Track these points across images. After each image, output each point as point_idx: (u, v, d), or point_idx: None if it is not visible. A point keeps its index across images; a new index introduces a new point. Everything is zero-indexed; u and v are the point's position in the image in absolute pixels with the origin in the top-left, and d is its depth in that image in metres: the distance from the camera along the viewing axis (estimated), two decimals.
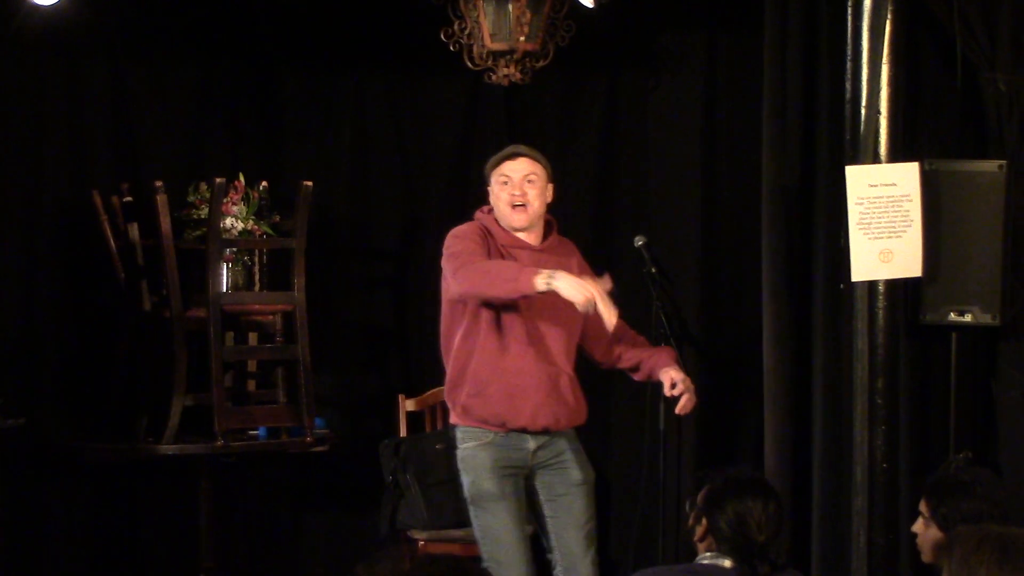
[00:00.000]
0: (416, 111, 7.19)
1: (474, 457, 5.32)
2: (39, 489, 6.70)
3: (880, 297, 5.52)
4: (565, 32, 6.49)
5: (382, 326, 7.26)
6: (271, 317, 6.71)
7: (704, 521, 4.17)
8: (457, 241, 5.32)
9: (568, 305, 5.18)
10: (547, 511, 5.43)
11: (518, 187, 5.33)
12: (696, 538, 4.24)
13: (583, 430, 7.14)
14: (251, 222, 6.58)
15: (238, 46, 7.02)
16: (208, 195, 6.49)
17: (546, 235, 5.44)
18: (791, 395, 6.31)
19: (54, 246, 6.80)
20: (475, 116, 7.22)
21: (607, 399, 7.17)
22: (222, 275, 6.56)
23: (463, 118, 7.22)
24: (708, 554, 4.17)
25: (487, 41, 6.42)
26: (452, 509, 6.62)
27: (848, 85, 5.54)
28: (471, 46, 6.48)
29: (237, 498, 6.99)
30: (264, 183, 6.70)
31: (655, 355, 5.53)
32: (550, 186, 5.44)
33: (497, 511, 5.27)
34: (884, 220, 5.50)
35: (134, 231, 6.54)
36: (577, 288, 4.93)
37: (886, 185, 5.50)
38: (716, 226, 6.95)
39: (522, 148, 5.46)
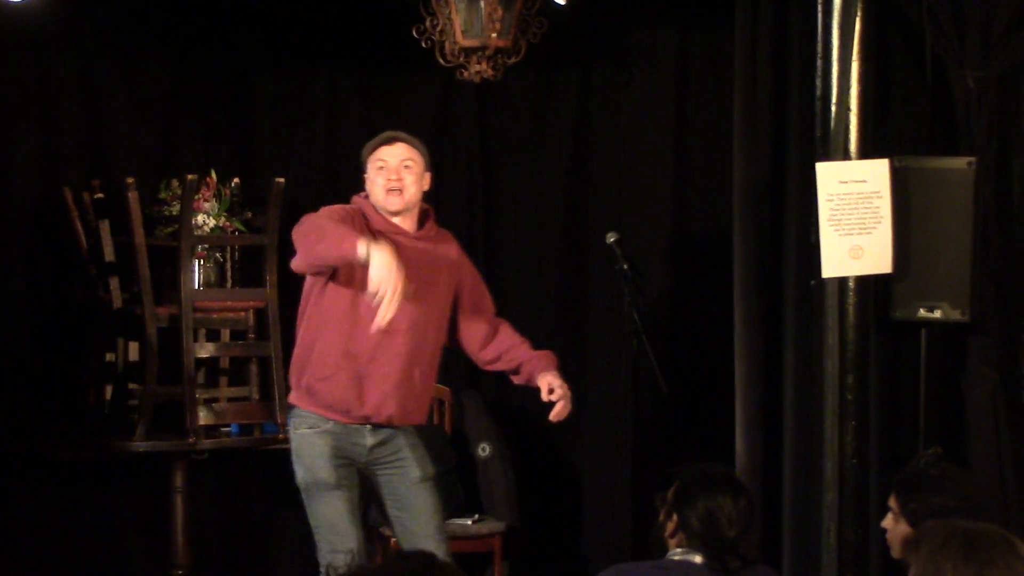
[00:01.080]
0: (388, 108, 7.19)
1: (312, 444, 5.24)
2: (9, 488, 6.68)
3: (850, 293, 5.53)
4: (537, 29, 6.49)
5: None
6: (243, 314, 6.70)
7: (675, 517, 4.18)
8: (320, 216, 5.19)
9: (436, 296, 5.24)
10: (393, 511, 5.40)
11: (395, 172, 5.28)
12: (667, 534, 4.24)
13: (557, 424, 7.19)
14: (223, 219, 6.58)
15: (210, 42, 7.01)
16: (180, 192, 6.48)
17: (422, 223, 5.38)
18: (762, 391, 6.33)
19: (24, 243, 6.79)
20: (447, 112, 7.23)
21: (579, 395, 7.18)
22: (194, 272, 6.56)
23: (435, 115, 7.22)
24: (679, 550, 4.17)
25: (459, 38, 6.43)
26: None
27: (818, 82, 5.55)
28: (443, 43, 6.48)
29: (210, 495, 6.98)
30: (236, 180, 6.70)
31: (536, 359, 5.44)
32: (427, 174, 5.38)
33: (332, 500, 5.22)
34: (854, 217, 5.51)
35: (105, 228, 6.53)
36: (381, 273, 4.80)
37: (856, 182, 5.51)
38: (688, 223, 6.97)
39: (400, 134, 5.41)
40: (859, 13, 5.44)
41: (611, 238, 6.48)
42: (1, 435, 6.47)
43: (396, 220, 5.29)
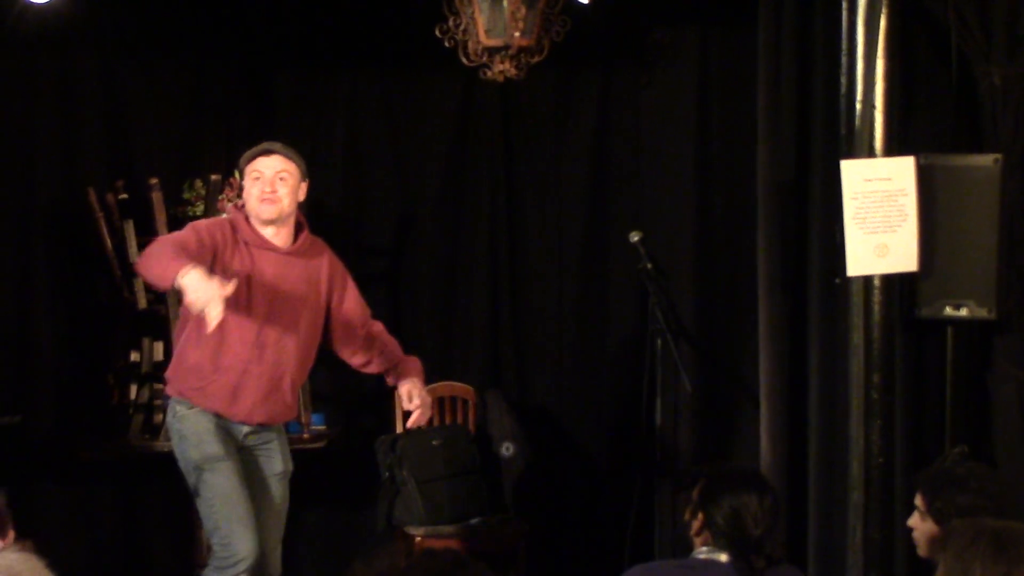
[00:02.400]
0: (410, 107, 7.19)
1: (196, 422, 5.31)
2: (35, 486, 6.70)
3: (876, 292, 5.50)
4: (560, 27, 6.48)
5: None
6: None
7: (700, 515, 4.18)
8: (183, 232, 5.27)
9: (305, 309, 5.33)
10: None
11: (269, 184, 5.33)
12: (692, 532, 4.24)
13: (580, 423, 7.19)
14: None
15: (232, 43, 7.01)
16: (203, 192, 6.49)
17: (296, 236, 5.43)
18: (787, 390, 6.31)
19: (49, 244, 6.80)
20: (469, 112, 7.22)
21: (602, 393, 7.18)
22: None
23: (457, 114, 7.22)
24: (704, 548, 4.17)
25: (482, 37, 6.42)
26: (448, 505, 6.64)
27: (843, 79, 5.52)
28: (466, 42, 6.47)
29: None
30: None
31: (403, 363, 5.56)
32: (303, 185, 5.44)
33: (225, 470, 5.27)
34: (879, 215, 5.49)
35: (130, 228, 6.53)
36: (196, 292, 4.82)
37: (881, 180, 5.48)
38: (711, 221, 6.95)
39: (276, 145, 5.44)
40: (884, 10, 5.42)
41: (635, 237, 6.48)
42: (27, 434, 6.47)
43: (268, 234, 5.34)
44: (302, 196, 5.43)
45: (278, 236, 5.36)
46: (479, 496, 6.77)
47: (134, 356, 6.68)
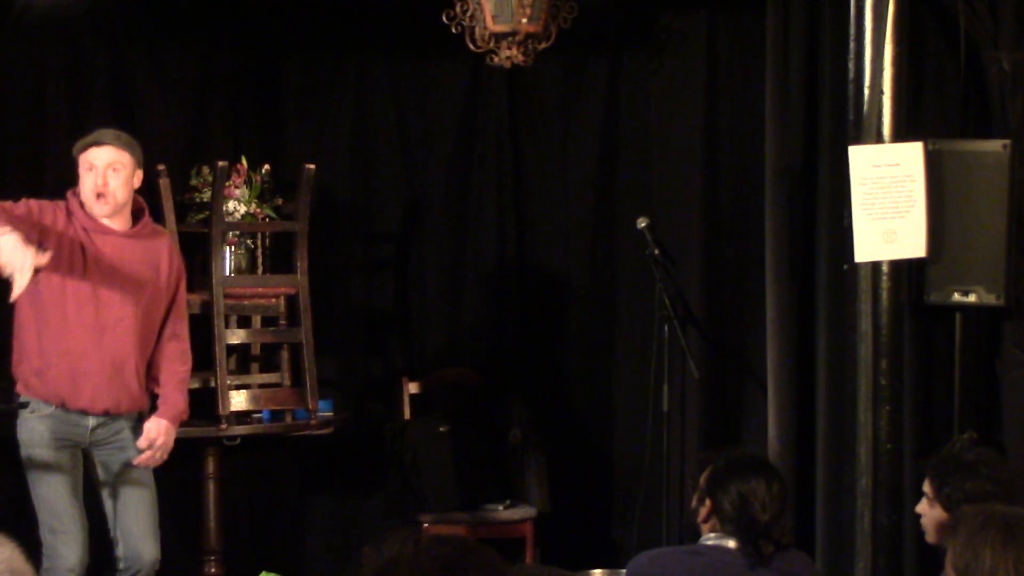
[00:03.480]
0: (417, 93, 7.18)
1: (31, 428, 5.34)
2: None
3: (884, 278, 5.50)
4: (567, 13, 6.46)
5: (384, 309, 7.25)
6: (274, 300, 6.70)
7: (708, 502, 4.18)
8: (11, 205, 5.24)
9: (145, 291, 5.34)
10: (106, 492, 5.48)
11: (101, 176, 5.34)
12: (700, 519, 4.24)
13: (587, 409, 7.18)
14: (254, 205, 6.57)
15: (239, 29, 7.00)
16: (211, 178, 6.48)
17: (136, 220, 5.44)
18: (794, 376, 6.31)
19: None
20: (476, 98, 7.22)
21: (610, 379, 7.18)
22: (225, 259, 6.55)
23: (464, 100, 7.21)
24: (712, 535, 4.17)
25: (489, 23, 6.40)
26: (456, 492, 6.65)
27: (851, 65, 5.51)
28: (473, 28, 6.45)
29: (242, 481, 6.99)
30: (266, 166, 6.69)
31: (164, 402, 5.50)
32: (138, 172, 5.44)
33: (52, 481, 5.30)
34: (888, 200, 5.48)
35: None
36: (9, 255, 4.85)
37: (889, 165, 5.48)
38: (719, 207, 6.94)
39: (107, 135, 5.44)
40: None
41: (642, 223, 6.48)
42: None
43: (105, 220, 5.35)
44: (137, 183, 5.44)
45: (115, 221, 5.38)
46: (487, 482, 6.77)
47: None
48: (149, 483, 5.52)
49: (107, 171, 5.33)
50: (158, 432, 5.43)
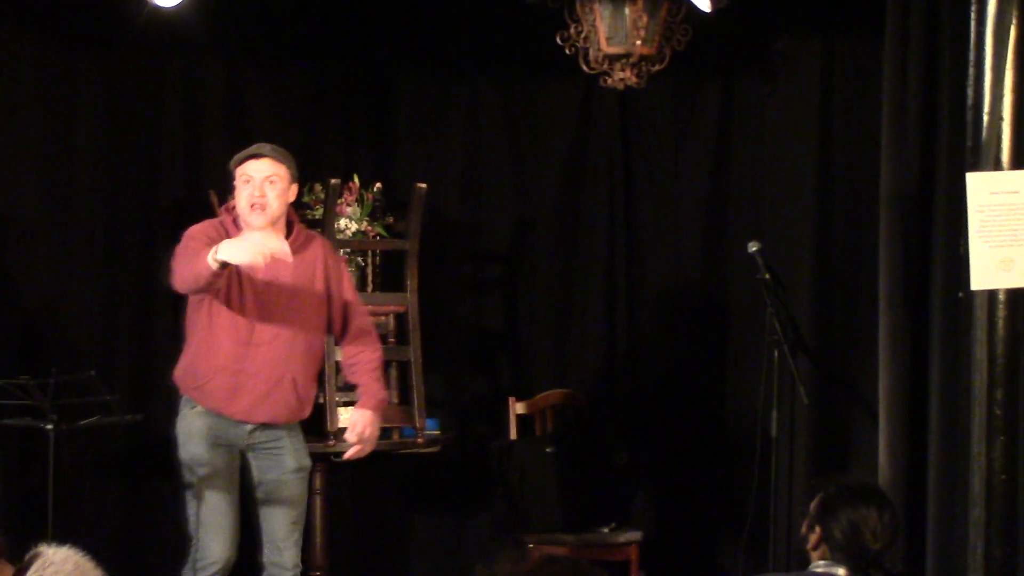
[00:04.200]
0: (530, 114, 7.20)
1: (190, 424, 5.41)
2: (154, 484, 6.78)
3: (1000, 306, 5.41)
4: (681, 36, 6.45)
5: (493, 328, 7.27)
6: (384, 318, 6.73)
7: (818, 529, 4.13)
8: (185, 240, 5.38)
9: (304, 303, 5.37)
10: (258, 493, 5.53)
11: (259, 188, 5.36)
12: (810, 546, 4.20)
13: (696, 433, 7.14)
14: (365, 223, 6.62)
15: (352, 48, 7.07)
16: (323, 196, 6.54)
17: (289, 233, 5.45)
18: (907, 404, 6.23)
19: (171, 245, 6.85)
20: (589, 119, 7.22)
21: (719, 403, 7.14)
22: None
23: (577, 121, 7.22)
24: (822, 563, 4.12)
25: (603, 45, 6.41)
26: (561, 513, 6.63)
27: (970, 91, 5.44)
28: (587, 49, 6.46)
29: (348, 498, 7.03)
30: (378, 184, 6.74)
31: (365, 393, 5.56)
32: (293, 186, 5.47)
33: (204, 476, 5.36)
34: (1005, 228, 5.40)
35: None
36: (241, 249, 4.96)
37: (1008, 193, 5.40)
38: (832, 233, 6.87)
39: (266, 148, 5.46)
40: (1014, 20, 5.32)
41: (753, 247, 6.44)
42: (147, 433, 6.55)
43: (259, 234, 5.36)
44: (292, 197, 5.49)
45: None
46: (592, 505, 6.75)
47: None
48: (301, 492, 5.59)
49: (264, 183, 5.39)
50: (364, 424, 5.49)
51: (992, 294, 5.42)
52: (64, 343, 6.64)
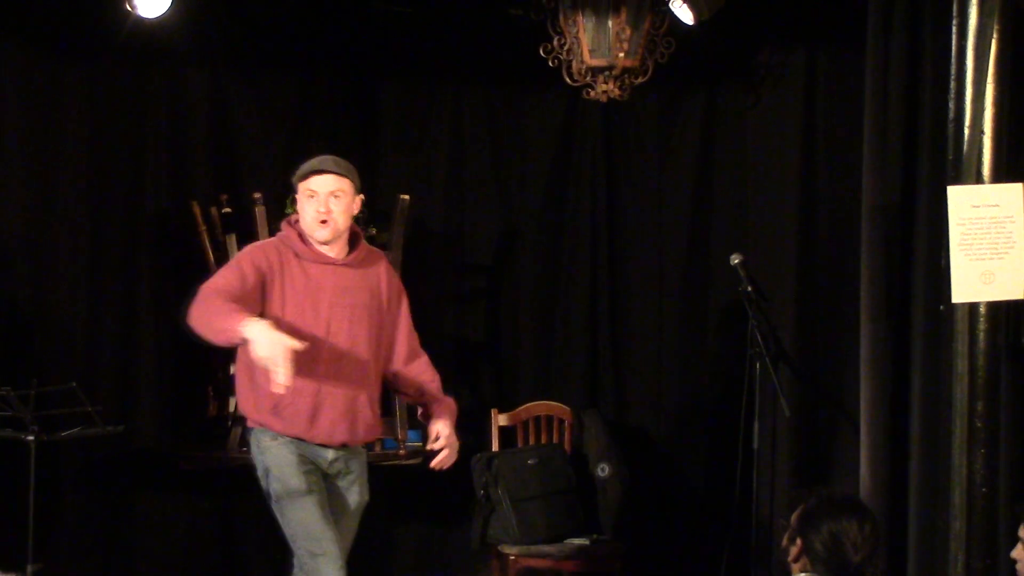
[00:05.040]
0: (513, 126, 7.22)
1: (278, 454, 5.28)
2: (137, 494, 6.78)
3: (981, 319, 5.43)
4: (664, 49, 6.48)
5: (475, 340, 7.27)
6: None
7: (799, 541, 4.14)
8: (226, 268, 5.30)
9: (368, 319, 5.30)
10: None
11: (323, 203, 5.31)
12: (790, 559, 4.21)
13: (677, 445, 7.15)
14: None
15: (336, 60, 7.07)
16: None
17: (352, 247, 5.42)
18: (888, 416, 6.25)
19: (154, 256, 6.88)
20: (572, 132, 7.24)
21: (700, 415, 7.15)
22: None
23: (560, 133, 7.23)
24: (802, 575, 4.13)
25: (586, 57, 6.43)
26: (544, 525, 6.63)
27: (951, 105, 5.46)
28: (570, 62, 6.48)
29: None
30: (361, 196, 6.73)
31: (436, 403, 5.52)
32: (358, 199, 5.41)
33: (305, 504, 5.24)
34: (986, 241, 5.42)
35: (232, 242, 6.58)
36: (264, 351, 4.83)
37: (989, 206, 5.42)
38: (814, 245, 6.90)
39: (329, 163, 5.40)
40: (995, 35, 5.35)
41: (735, 259, 6.46)
42: (130, 443, 6.55)
43: (323, 249, 5.33)
44: (356, 210, 5.43)
45: (333, 249, 5.36)
46: (574, 516, 6.76)
47: (232, 369, 6.72)
48: (356, 527, 5.51)
49: (329, 198, 5.32)
50: (448, 431, 5.46)
51: (973, 307, 5.44)
52: (46, 353, 6.63)
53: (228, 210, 6.65)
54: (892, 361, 6.24)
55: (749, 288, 6.42)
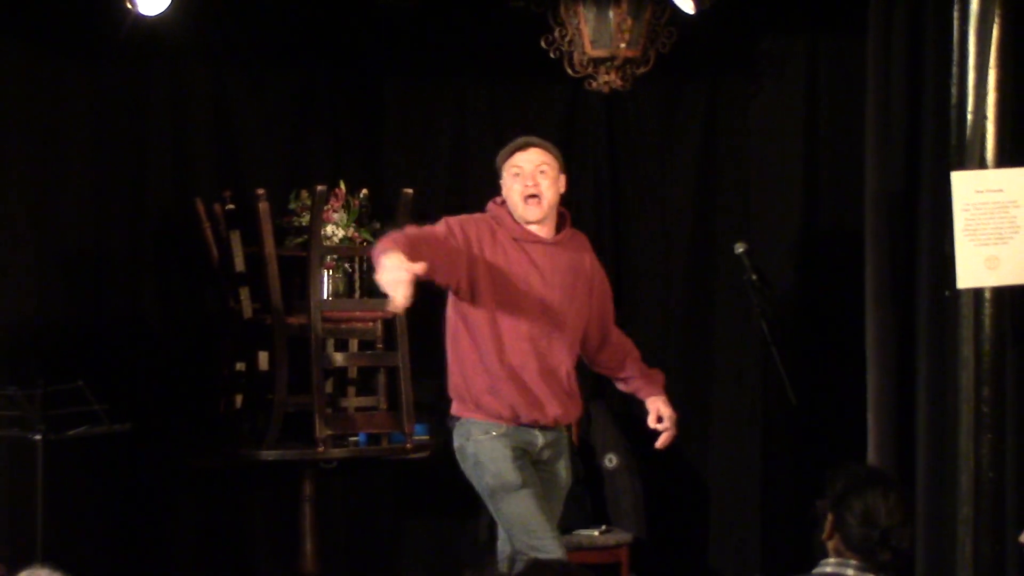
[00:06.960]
0: (516, 118, 7.19)
1: (492, 448, 5.22)
2: (144, 493, 6.77)
3: (986, 304, 5.43)
4: (666, 39, 6.47)
5: None
6: (371, 324, 6.74)
7: (830, 517, 4.14)
8: (441, 222, 5.27)
9: (575, 299, 5.27)
10: None
11: (531, 178, 5.25)
12: (824, 536, 4.21)
13: (685, 435, 7.14)
14: (352, 229, 6.61)
15: (339, 54, 7.06)
16: (309, 202, 6.53)
17: (560, 228, 5.36)
18: (894, 403, 6.24)
19: (156, 253, 6.88)
20: (575, 123, 7.23)
21: (707, 405, 7.14)
22: (323, 282, 6.60)
23: (563, 125, 7.22)
24: (832, 561, 4.12)
25: (588, 48, 6.42)
26: None
27: (954, 90, 5.46)
28: (572, 53, 6.48)
29: (338, 504, 7.02)
30: (365, 191, 6.74)
31: (646, 376, 5.49)
32: (562, 176, 5.34)
33: (522, 497, 5.18)
34: (991, 226, 5.41)
35: (236, 238, 6.59)
36: (382, 272, 4.80)
37: (992, 191, 5.41)
38: (818, 233, 6.90)
39: (533, 139, 5.38)
40: (997, 19, 5.35)
41: (740, 248, 6.45)
42: (137, 442, 6.55)
43: (533, 228, 5.28)
44: (563, 188, 5.34)
45: (543, 229, 5.30)
46: (582, 507, 6.75)
47: (239, 366, 6.74)
48: (561, 506, 5.47)
49: (536, 173, 5.27)
50: (669, 411, 5.42)
51: (978, 292, 5.44)
52: (52, 353, 6.63)
53: (231, 206, 6.65)
54: (897, 348, 6.24)
55: (754, 276, 6.40)
